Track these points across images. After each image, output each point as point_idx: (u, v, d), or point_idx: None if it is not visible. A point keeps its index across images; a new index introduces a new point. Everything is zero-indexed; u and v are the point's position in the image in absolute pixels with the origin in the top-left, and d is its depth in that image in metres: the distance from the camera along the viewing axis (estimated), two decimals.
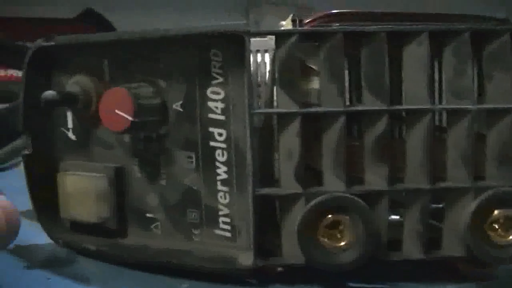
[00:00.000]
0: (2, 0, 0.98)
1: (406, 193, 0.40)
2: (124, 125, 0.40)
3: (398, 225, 0.41)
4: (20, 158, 0.67)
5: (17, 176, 0.67)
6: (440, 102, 0.41)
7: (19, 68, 0.86)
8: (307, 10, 1.04)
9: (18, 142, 0.67)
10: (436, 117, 0.42)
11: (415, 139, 0.39)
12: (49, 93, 0.41)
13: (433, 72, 0.40)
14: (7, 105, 0.72)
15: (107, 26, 0.95)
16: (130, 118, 0.39)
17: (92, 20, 0.95)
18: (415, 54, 0.39)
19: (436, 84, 0.41)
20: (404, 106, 0.39)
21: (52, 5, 0.97)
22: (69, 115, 0.46)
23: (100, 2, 0.98)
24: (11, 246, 0.45)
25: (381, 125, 0.38)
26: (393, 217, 0.43)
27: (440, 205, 0.42)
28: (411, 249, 0.40)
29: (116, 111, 0.39)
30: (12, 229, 0.36)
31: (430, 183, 0.39)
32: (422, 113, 0.38)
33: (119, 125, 0.40)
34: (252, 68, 0.39)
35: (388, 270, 0.41)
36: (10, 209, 0.36)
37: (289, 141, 0.38)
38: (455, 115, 0.39)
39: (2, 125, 0.68)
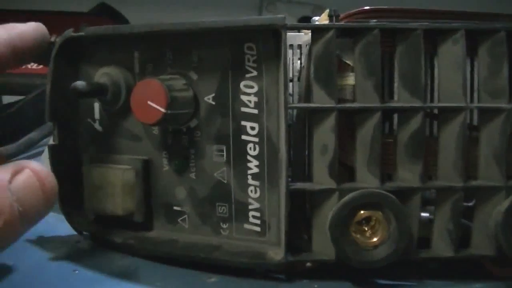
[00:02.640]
0: None
1: (438, 190, 0.39)
2: (156, 117, 0.39)
3: (427, 222, 0.41)
4: (35, 151, 0.67)
5: None
6: (472, 101, 0.41)
7: (34, 61, 0.85)
8: (319, 9, 1.04)
9: (33, 135, 0.66)
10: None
11: (449, 137, 0.39)
12: (79, 83, 0.41)
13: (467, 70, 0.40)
14: (23, 97, 0.72)
15: (121, 20, 0.95)
16: (162, 110, 0.39)
17: (106, 14, 0.95)
18: (450, 52, 0.39)
19: (470, 82, 0.41)
20: (440, 104, 0.39)
21: None
22: (96, 106, 0.46)
23: None
24: (34, 237, 0.45)
25: (416, 122, 0.38)
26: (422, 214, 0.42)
27: (469, 204, 0.41)
28: (441, 247, 0.40)
29: (149, 102, 0.39)
30: (49, 197, 0.34)
31: (463, 181, 0.39)
32: (456, 111, 0.38)
33: (151, 117, 0.39)
34: None
35: (416, 267, 0.41)
36: (44, 174, 0.34)
37: (324, 136, 0.38)
38: (489, 113, 0.39)
39: (18, 117, 0.68)
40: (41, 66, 0.81)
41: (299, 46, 0.43)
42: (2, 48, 0.36)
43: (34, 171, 0.33)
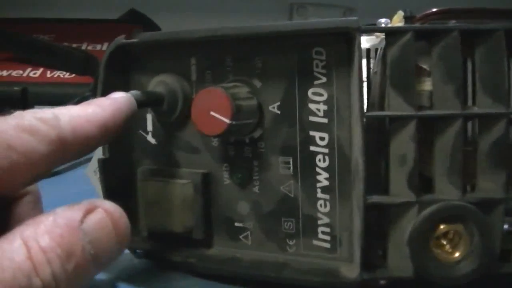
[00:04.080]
0: (46, 2, 0.96)
1: None
2: (220, 129, 0.37)
3: (506, 234, 0.39)
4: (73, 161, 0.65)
5: (72, 180, 0.65)
6: None
7: (66, 71, 0.84)
8: (351, 11, 1.03)
9: None
10: None
11: None
12: (134, 93, 0.38)
13: None
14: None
15: (152, 27, 0.93)
16: (227, 121, 0.37)
17: (137, 20, 0.93)
18: None
19: None
20: None
21: (94, 6, 0.96)
22: (149, 117, 0.43)
23: (142, 3, 0.96)
24: None
25: (499, 130, 0.36)
26: None
27: None
28: None
29: (212, 113, 0.37)
30: (122, 240, 0.32)
31: None
32: None
33: (215, 128, 0.37)
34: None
35: (493, 281, 0.39)
36: (118, 215, 0.32)
37: (403, 146, 0.36)
38: None
39: None
40: (73, 75, 0.80)
41: (368, 50, 0.41)
42: (94, 129, 0.33)
43: (107, 211, 0.31)
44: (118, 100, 0.36)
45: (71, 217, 0.30)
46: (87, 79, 0.78)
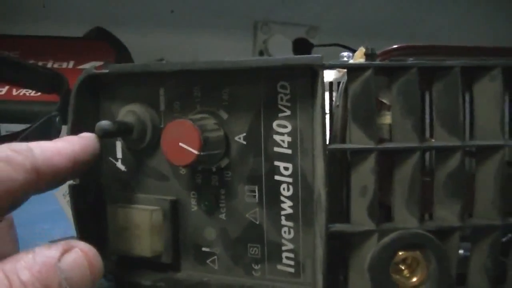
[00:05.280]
0: (9, 18, 0.95)
1: (476, 228, 0.39)
2: (189, 159, 0.38)
3: (461, 259, 0.41)
4: None
5: (40, 199, 0.65)
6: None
7: (33, 89, 0.84)
8: (314, 30, 1.04)
9: None
10: None
11: (487, 175, 0.39)
12: (105, 123, 0.39)
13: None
14: (26, 126, 0.70)
15: (117, 44, 0.93)
16: (196, 152, 0.38)
17: (102, 38, 0.93)
18: (488, 89, 0.38)
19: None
20: (479, 142, 0.39)
21: (59, 23, 0.95)
22: (118, 145, 0.44)
23: (107, 20, 0.96)
24: None
25: (454, 161, 0.38)
26: None
27: (503, 239, 0.41)
28: (478, 285, 0.39)
29: (181, 144, 0.38)
30: (95, 278, 0.33)
31: (502, 219, 0.38)
32: (495, 149, 0.38)
33: (184, 159, 0.38)
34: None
35: None
36: (92, 255, 0.33)
37: (364, 177, 0.38)
38: None
39: None
40: (39, 93, 0.80)
41: (330, 83, 0.42)
42: (65, 161, 0.36)
43: (83, 251, 0.33)
44: (86, 138, 0.38)
45: (49, 255, 0.31)
46: (54, 97, 0.78)
